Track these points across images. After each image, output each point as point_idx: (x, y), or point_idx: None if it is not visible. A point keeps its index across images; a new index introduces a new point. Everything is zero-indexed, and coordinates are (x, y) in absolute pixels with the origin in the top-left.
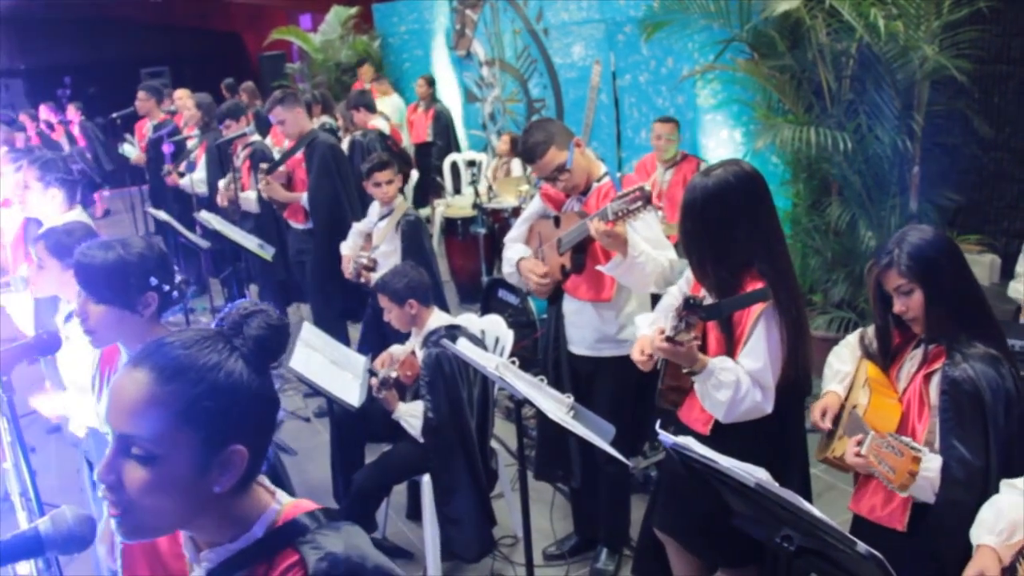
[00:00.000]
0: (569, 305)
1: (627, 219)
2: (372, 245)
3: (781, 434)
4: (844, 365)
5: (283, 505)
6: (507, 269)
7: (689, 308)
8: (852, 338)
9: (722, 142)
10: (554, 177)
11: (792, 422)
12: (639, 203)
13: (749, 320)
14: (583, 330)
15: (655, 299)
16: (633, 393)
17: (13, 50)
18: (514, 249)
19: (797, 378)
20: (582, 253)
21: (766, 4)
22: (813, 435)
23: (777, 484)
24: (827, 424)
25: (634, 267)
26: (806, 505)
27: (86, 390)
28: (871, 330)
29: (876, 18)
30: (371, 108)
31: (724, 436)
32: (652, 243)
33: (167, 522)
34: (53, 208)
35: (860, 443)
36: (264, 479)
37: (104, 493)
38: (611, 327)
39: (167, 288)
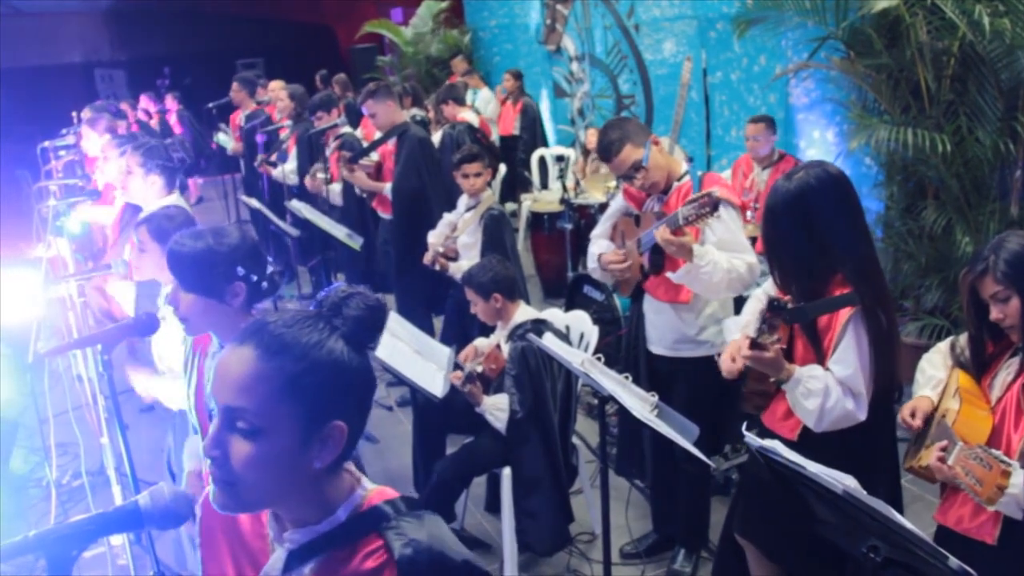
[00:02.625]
0: (649, 305)
1: (697, 224)
2: (454, 235)
3: (869, 442)
4: (937, 371)
5: (367, 491)
6: (591, 264)
7: (773, 310)
8: (943, 346)
9: (814, 142)
10: (630, 175)
11: (881, 430)
12: (707, 209)
13: (837, 326)
14: (661, 330)
15: (738, 302)
16: (712, 394)
17: (116, 42)
18: (598, 245)
19: (886, 385)
20: (660, 255)
21: (864, 2)
22: (904, 445)
23: (865, 492)
24: (917, 422)
25: (699, 276)
26: (896, 515)
27: (177, 373)
28: (963, 339)
29: (981, 15)
30: (460, 101)
31: (810, 442)
32: (730, 246)
33: (266, 497)
34: (152, 193)
35: (945, 450)
36: (351, 464)
37: (210, 468)
38: (690, 328)
39: (255, 279)
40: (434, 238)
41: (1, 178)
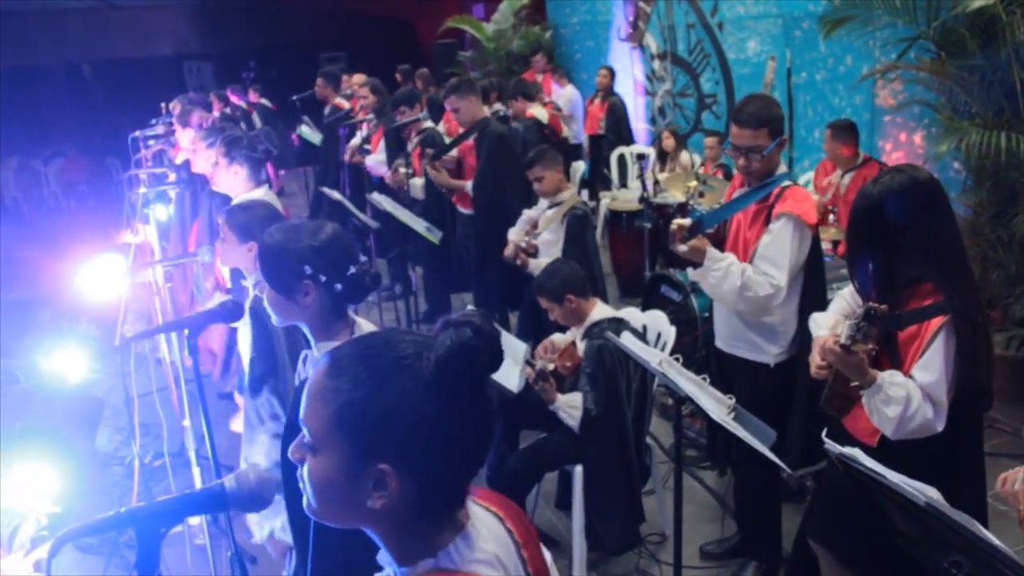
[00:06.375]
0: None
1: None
2: (536, 231)
3: (954, 453)
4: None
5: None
6: None
7: (869, 319)
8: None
9: (900, 145)
10: (742, 152)
11: (968, 441)
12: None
13: (928, 333)
14: (720, 325)
15: (803, 315)
16: (769, 399)
17: (204, 35)
18: None
19: (974, 395)
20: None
21: (958, 1)
22: (992, 458)
23: (949, 505)
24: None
25: (707, 275)
26: (982, 530)
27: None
28: None
29: None
30: (528, 96)
31: (891, 450)
32: (767, 257)
33: (336, 517)
34: (237, 184)
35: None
36: (470, 526)
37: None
38: (749, 329)
39: (325, 279)
40: (514, 235)
41: (95, 166)
